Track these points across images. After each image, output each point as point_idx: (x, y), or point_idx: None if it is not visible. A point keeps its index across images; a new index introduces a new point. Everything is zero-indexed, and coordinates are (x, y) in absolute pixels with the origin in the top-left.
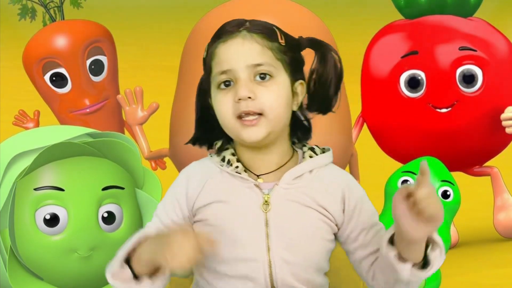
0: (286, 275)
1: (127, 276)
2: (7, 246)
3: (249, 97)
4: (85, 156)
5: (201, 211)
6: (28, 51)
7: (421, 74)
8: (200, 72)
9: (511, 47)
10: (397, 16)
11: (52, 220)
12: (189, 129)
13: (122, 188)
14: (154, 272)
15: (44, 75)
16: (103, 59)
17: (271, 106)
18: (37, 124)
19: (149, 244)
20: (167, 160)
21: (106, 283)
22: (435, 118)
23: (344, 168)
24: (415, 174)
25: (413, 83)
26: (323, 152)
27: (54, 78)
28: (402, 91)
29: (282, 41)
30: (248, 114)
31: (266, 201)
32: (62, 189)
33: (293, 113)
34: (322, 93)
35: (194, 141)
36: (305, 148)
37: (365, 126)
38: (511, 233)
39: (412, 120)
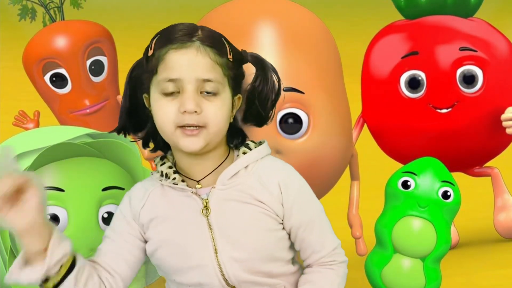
0: (238, 272)
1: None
2: (7, 246)
3: (195, 111)
4: (85, 156)
5: (148, 230)
6: (28, 52)
7: (421, 75)
8: None
9: (511, 47)
10: (398, 17)
11: (52, 221)
12: None
13: (122, 189)
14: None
15: (44, 76)
16: (103, 59)
17: (214, 120)
18: (37, 125)
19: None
20: None
21: None
22: (436, 118)
23: (344, 168)
24: (415, 174)
25: (413, 83)
26: (259, 145)
27: (54, 79)
28: (403, 92)
29: (231, 57)
30: (189, 125)
31: (205, 206)
32: (62, 190)
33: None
34: (259, 109)
35: (120, 130)
36: (239, 145)
37: (365, 126)
38: (511, 233)
39: (412, 120)
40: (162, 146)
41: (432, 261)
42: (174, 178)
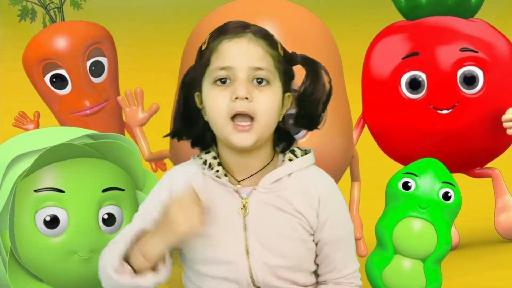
0: (267, 276)
1: (129, 272)
2: (7, 247)
3: (246, 98)
4: (85, 157)
5: None
6: (28, 52)
7: (422, 75)
8: None
9: None
10: (398, 17)
11: (52, 222)
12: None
13: (123, 190)
14: (154, 266)
15: (44, 77)
16: (104, 60)
17: (265, 110)
18: (37, 126)
19: (152, 236)
20: (167, 161)
21: None
22: (436, 119)
23: (345, 169)
24: (416, 175)
25: (414, 84)
26: (305, 153)
27: (54, 80)
28: (403, 92)
29: (281, 52)
30: (241, 115)
31: (244, 206)
32: (62, 191)
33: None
34: (310, 111)
35: (175, 134)
36: (286, 151)
37: (366, 127)
38: None
39: (413, 121)
40: (210, 143)
41: (432, 262)
42: (218, 171)
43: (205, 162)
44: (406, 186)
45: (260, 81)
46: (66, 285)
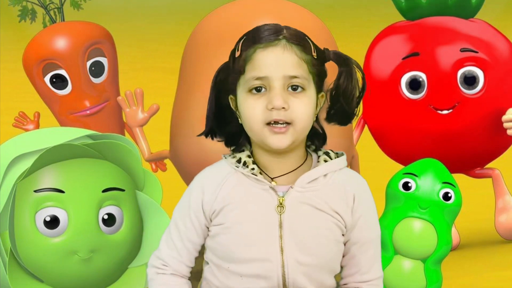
0: (298, 276)
1: None
2: (7, 248)
3: (283, 107)
4: (85, 158)
5: (217, 215)
6: (28, 53)
7: (422, 76)
8: (200, 73)
9: None
10: (398, 18)
11: (52, 222)
12: (190, 130)
13: (123, 190)
14: None
15: (44, 77)
16: (104, 60)
17: (301, 117)
18: (37, 126)
19: None
20: (167, 162)
21: (106, 285)
22: (436, 119)
23: None
24: (416, 176)
25: (414, 84)
26: (337, 156)
27: (54, 80)
28: (403, 93)
29: (315, 54)
30: (277, 122)
31: (281, 203)
32: (62, 191)
33: None
34: (343, 107)
35: (208, 133)
36: (320, 152)
37: (366, 127)
38: None
39: (413, 121)
40: (244, 143)
41: (433, 262)
42: (253, 168)
43: (239, 161)
44: (406, 186)
45: (295, 87)
46: (66, 285)
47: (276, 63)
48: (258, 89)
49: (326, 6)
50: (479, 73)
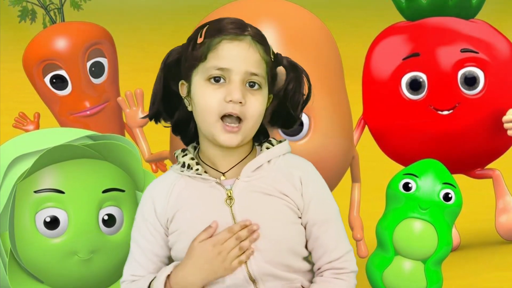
0: (260, 263)
1: None
2: (7, 249)
3: (240, 102)
4: (86, 158)
5: (171, 221)
6: (28, 53)
7: (422, 76)
8: None
9: None
10: (399, 18)
11: (52, 223)
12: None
13: (123, 191)
14: None
15: (44, 77)
16: (104, 61)
17: (254, 114)
18: (37, 126)
19: (192, 273)
20: (167, 162)
21: (106, 286)
22: (437, 120)
23: (345, 170)
24: (416, 176)
25: (414, 85)
26: (279, 143)
27: (54, 80)
28: (404, 93)
29: (272, 57)
30: (231, 116)
31: (229, 196)
32: (62, 192)
33: None
34: (288, 113)
35: (153, 116)
36: (263, 143)
37: (366, 128)
38: None
39: (413, 122)
40: (192, 136)
41: (433, 263)
42: (197, 169)
43: (183, 165)
44: (406, 187)
45: (252, 84)
46: (66, 286)
47: (241, 57)
48: (216, 79)
49: (326, 6)
50: (480, 74)
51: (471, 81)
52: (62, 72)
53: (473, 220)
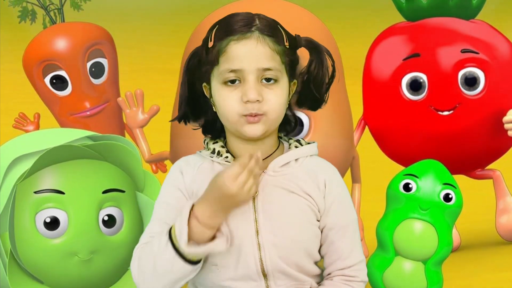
0: (275, 258)
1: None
2: (7, 249)
3: (258, 100)
4: (86, 159)
5: (196, 196)
6: (28, 54)
7: (423, 77)
8: None
9: None
10: (399, 19)
11: (52, 224)
12: (190, 131)
13: (123, 191)
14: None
15: (44, 78)
16: (104, 61)
17: (274, 108)
18: (37, 127)
19: (210, 205)
20: (167, 163)
21: (106, 286)
22: (437, 121)
23: (345, 171)
24: (417, 177)
25: (415, 85)
26: (308, 144)
27: (54, 81)
28: (404, 94)
29: (287, 44)
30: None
31: None
32: (62, 192)
33: None
34: (314, 93)
35: (181, 118)
36: (291, 140)
37: (366, 128)
38: None
39: (414, 123)
40: (220, 132)
41: (433, 263)
42: (227, 157)
43: (213, 151)
44: (407, 187)
45: (268, 79)
46: (66, 286)
47: (250, 55)
48: (232, 81)
49: (326, 6)
50: (480, 74)
51: (471, 81)
52: (62, 73)
53: (474, 220)
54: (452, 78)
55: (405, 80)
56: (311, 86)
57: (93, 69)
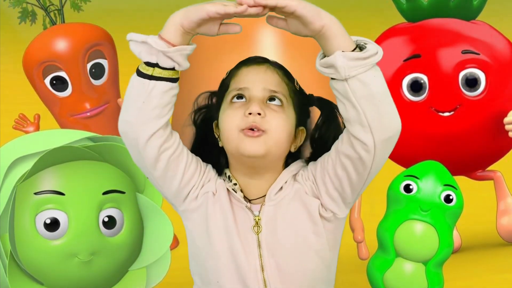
0: (278, 285)
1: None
2: (7, 250)
3: (259, 114)
4: (86, 160)
5: (204, 191)
6: (28, 55)
7: (423, 78)
8: (200, 75)
9: None
10: (400, 19)
11: (53, 225)
12: (191, 133)
13: (123, 193)
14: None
15: (44, 79)
16: (104, 62)
17: (276, 128)
18: (37, 128)
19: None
20: None
21: (107, 287)
22: (438, 122)
23: None
24: (417, 178)
25: (415, 86)
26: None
27: (54, 82)
28: (405, 95)
29: (297, 86)
30: (252, 128)
31: (257, 223)
32: (62, 194)
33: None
34: (322, 149)
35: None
36: None
37: None
38: None
39: (414, 124)
40: (222, 169)
41: (434, 265)
42: (235, 184)
43: (225, 174)
44: (407, 188)
45: (272, 98)
46: None
47: (259, 77)
48: (238, 97)
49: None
50: (481, 75)
51: (472, 82)
52: (62, 74)
53: (474, 222)
54: (452, 79)
55: (406, 81)
56: (317, 142)
57: (93, 70)
